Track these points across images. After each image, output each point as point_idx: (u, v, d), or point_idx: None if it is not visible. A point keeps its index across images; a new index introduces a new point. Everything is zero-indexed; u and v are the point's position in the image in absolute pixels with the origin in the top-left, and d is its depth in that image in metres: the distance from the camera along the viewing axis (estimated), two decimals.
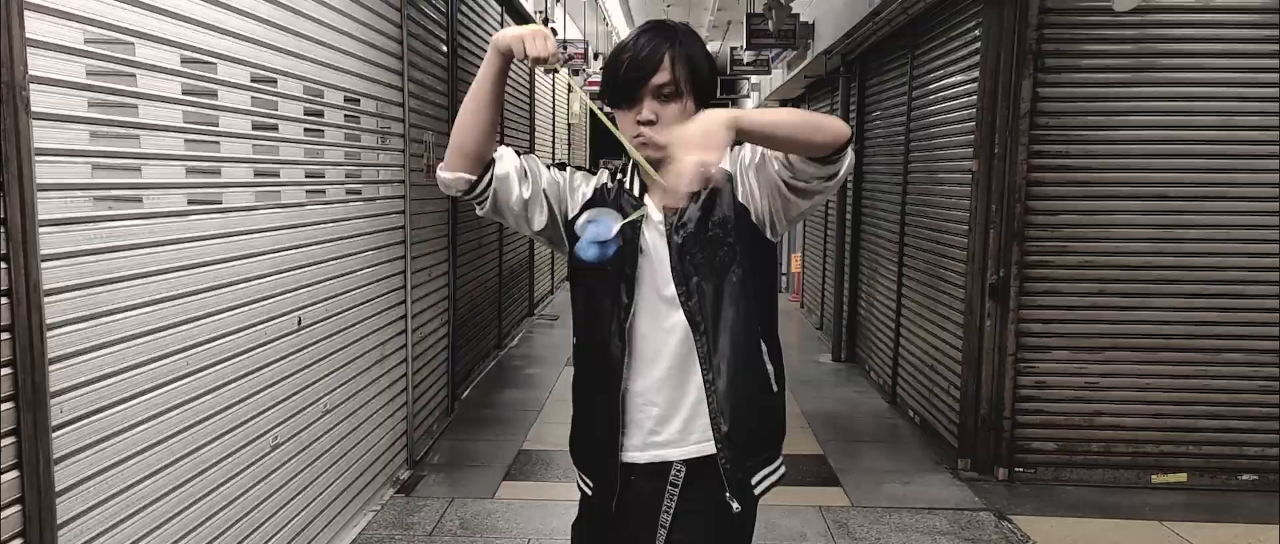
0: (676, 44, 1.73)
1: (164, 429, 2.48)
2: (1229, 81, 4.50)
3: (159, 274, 2.44)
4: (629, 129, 1.74)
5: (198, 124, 2.65)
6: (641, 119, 1.71)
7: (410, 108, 4.65)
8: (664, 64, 1.71)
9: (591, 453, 1.96)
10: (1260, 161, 4.52)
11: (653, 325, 1.80)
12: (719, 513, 1.81)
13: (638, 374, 1.83)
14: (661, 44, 1.72)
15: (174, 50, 2.50)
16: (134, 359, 2.33)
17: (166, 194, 2.49)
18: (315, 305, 3.52)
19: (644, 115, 1.71)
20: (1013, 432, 4.78)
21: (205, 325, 2.69)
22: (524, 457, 5.18)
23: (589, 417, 1.93)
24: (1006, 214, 4.62)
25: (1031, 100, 4.54)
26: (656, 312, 1.80)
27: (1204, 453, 4.72)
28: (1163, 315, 4.65)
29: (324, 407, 3.65)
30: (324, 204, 3.62)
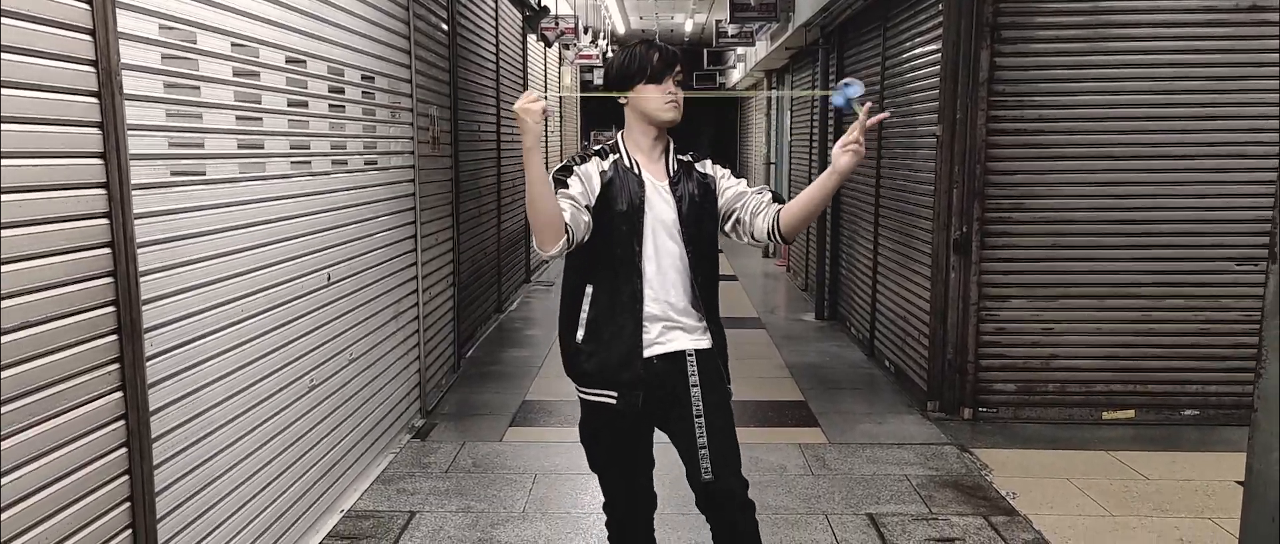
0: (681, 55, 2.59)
1: (227, 365, 2.88)
2: (1170, 49, 4.91)
3: (218, 233, 2.84)
4: (660, 98, 2.50)
5: (245, 102, 3.04)
6: (671, 91, 2.51)
7: (417, 84, 5.03)
8: (679, 60, 2.55)
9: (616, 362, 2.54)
10: (1198, 123, 4.94)
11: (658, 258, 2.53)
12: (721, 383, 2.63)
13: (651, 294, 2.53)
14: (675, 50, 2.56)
15: (225, 37, 2.88)
16: (202, 304, 2.73)
17: (223, 163, 2.88)
18: (341, 264, 3.91)
19: (670, 89, 2.51)
20: (976, 375, 5.22)
21: (253, 278, 3.08)
22: (527, 406, 5.61)
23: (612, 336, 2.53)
24: (968, 174, 5.04)
25: (989, 69, 4.94)
26: (662, 247, 2.53)
27: (1150, 391, 5.17)
28: (1111, 266, 5.08)
29: (350, 355, 4.06)
30: (346, 173, 4.00)
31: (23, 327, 2.01)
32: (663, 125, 2.55)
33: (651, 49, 2.52)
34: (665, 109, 2.51)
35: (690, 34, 17.54)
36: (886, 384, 6.14)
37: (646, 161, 2.57)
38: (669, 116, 2.52)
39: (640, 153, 2.57)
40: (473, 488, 4.26)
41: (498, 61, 8.00)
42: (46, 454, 2.09)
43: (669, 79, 2.51)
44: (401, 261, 4.86)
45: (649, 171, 2.56)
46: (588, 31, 13.22)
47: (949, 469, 4.52)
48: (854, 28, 7.45)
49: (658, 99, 2.50)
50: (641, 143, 2.58)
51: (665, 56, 2.51)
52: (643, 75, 2.50)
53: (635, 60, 2.51)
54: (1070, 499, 4.14)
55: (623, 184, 2.51)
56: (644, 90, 2.50)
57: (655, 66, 2.49)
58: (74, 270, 2.17)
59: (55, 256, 2.11)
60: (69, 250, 2.16)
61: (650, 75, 2.50)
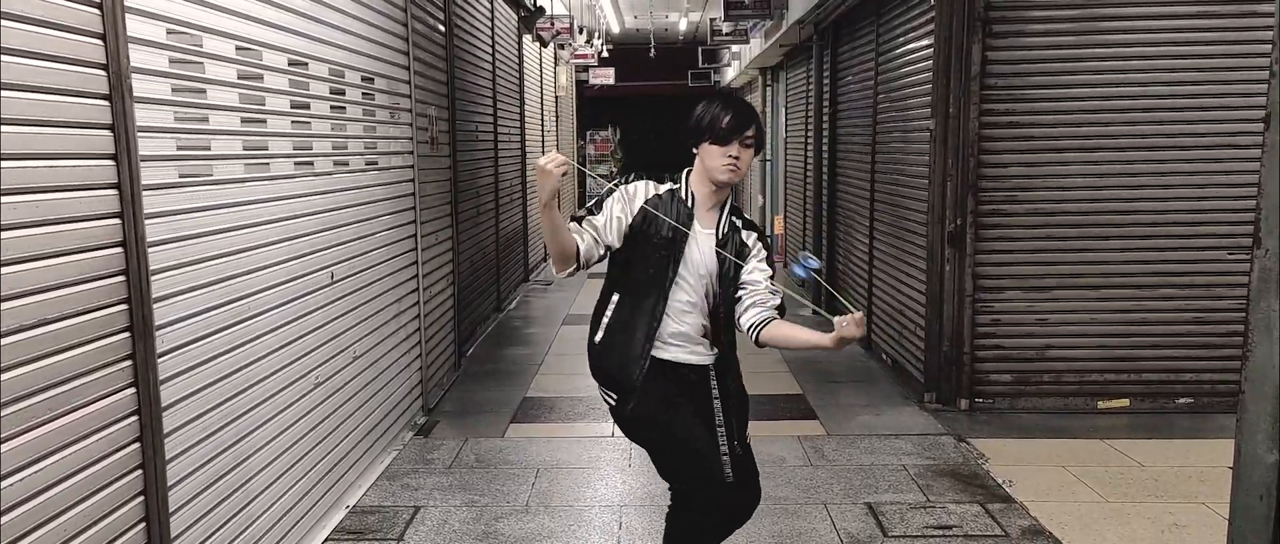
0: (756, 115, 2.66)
1: (234, 363, 2.93)
2: (1161, 41, 4.97)
3: (225, 232, 2.89)
4: (719, 159, 2.58)
5: (250, 104, 3.09)
6: (733, 154, 2.58)
7: (416, 84, 5.08)
8: (751, 125, 2.61)
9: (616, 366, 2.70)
10: (1191, 114, 5.00)
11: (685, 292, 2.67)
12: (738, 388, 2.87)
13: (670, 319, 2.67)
14: (751, 114, 2.63)
15: (230, 41, 2.93)
16: (210, 302, 2.78)
17: (230, 164, 2.93)
18: (344, 263, 3.96)
19: (733, 152, 2.58)
20: (972, 366, 5.28)
21: (260, 276, 3.13)
22: (528, 403, 5.66)
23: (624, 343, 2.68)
24: (961, 168, 5.10)
25: (981, 63, 5.00)
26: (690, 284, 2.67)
27: (1144, 380, 5.24)
28: (1105, 256, 5.14)
29: (353, 352, 4.11)
30: (347, 173, 4.05)
31: (38, 324, 2.06)
32: (719, 184, 2.64)
33: (725, 109, 2.59)
34: (721, 170, 2.59)
35: (684, 32, 17.59)
36: (884, 376, 6.20)
37: (701, 209, 2.68)
38: (723, 178, 2.60)
39: (698, 198, 2.68)
40: (476, 482, 4.31)
41: (494, 62, 8.05)
42: (63, 449, 2.14)
43: (735, 142, 2.57)
44: (402, 260, 4.91)
45: (700, 218, 2.67)
46: (583, 31, 13.28)
47: (946, 459, 4.57)
48: (847, 24, 7.51)
49: (717, 159, 2.58)
50: (700, 191, 2.68)
51: (736, 119, 2.57)
52: (710, 134, 2.59)
53: (706, 116, 2.60)
54: (1066, 486, 4.20)
55: (673, 212, 2.62)
56: (708, 147, 2.59)
57: (723, 128, 2.57)
58: (87, 269, 2.22)
59: (69, 256, 2.16)
60: (82, 250, 2.21)
61: (716, 135, 2.57)
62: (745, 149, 2.61)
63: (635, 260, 2.64)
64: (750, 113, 2.62)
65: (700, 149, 2.62)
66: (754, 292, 2.65)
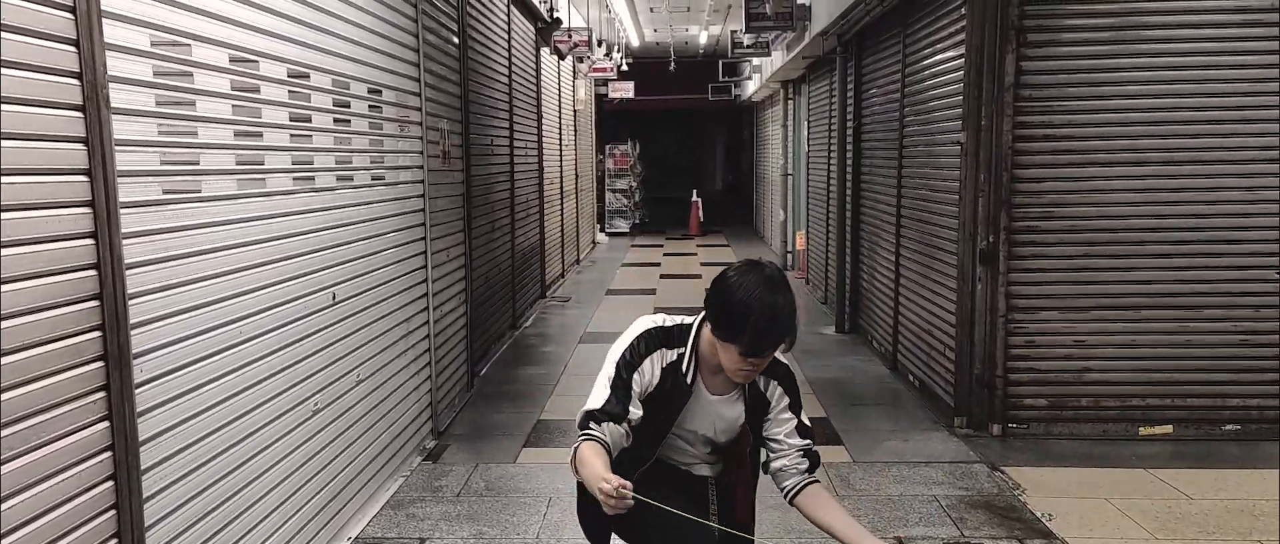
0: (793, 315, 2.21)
1: (223, 391, 2.76)
2: (1203, 51, 4.74)
3: (214, 252, 2.72)
4: (739, 363, 2.19)
5: (244, 117, 2.92)
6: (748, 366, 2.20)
7: (427, 97, 4.92)
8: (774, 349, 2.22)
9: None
10: (1235, 125, 4.76)
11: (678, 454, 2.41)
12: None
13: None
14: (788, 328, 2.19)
15: (223, 50, 2.77)
16: (197, 327, 2.61)
17: (220, 180, 2.76)
18: (347, 283, 3.79)
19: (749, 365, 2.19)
20: (1005, 389, 5.04)
21: (254, 298, 2.96)
22: (542, 426, 5.46)
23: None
24: (994, 182, 4.87)
25: (1015, 74, 4.78)
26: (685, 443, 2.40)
27: (1188, 405, 4.98)
28: (1146, 275, 4.89)
29: (357, 377, 3.93)
30: (352, 189, 3.89)
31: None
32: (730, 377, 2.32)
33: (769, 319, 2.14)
34: (736, 374, 2.25)
35: (705, 46, 17.43)
36: (911, 399, 5.96)
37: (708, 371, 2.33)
38: (737, 381, 2.30)
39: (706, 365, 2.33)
40: (485, 513, 4.12)
41: (510, 74, 7.90)
42: (23, 491, 1.96)
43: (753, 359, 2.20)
44: (411, 278, 4.74)
45: (706, 384, 2.33)
46: (602, 44, 13.14)
47: (980, 489, 4.34)
48: (872, 35, 7.30)
49: (730, 364, 2.21)
50: (709, 359, 2.32)
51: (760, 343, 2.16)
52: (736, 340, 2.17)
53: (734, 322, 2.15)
54: (1109, 521, 3.96)
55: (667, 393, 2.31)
56: (727, 347, 2.19)
57: (744, 344, 2.15)
58: (55, 293, 2.04)
59: (35, 279, 1.99)
60: (50, 272, 2.03)
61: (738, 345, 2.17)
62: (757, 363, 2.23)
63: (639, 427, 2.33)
64: (788, 326, 2.18)
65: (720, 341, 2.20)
66: (779, 454, 2.36)
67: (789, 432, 2.35)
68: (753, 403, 2.36)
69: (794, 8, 8.78)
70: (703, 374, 2.33)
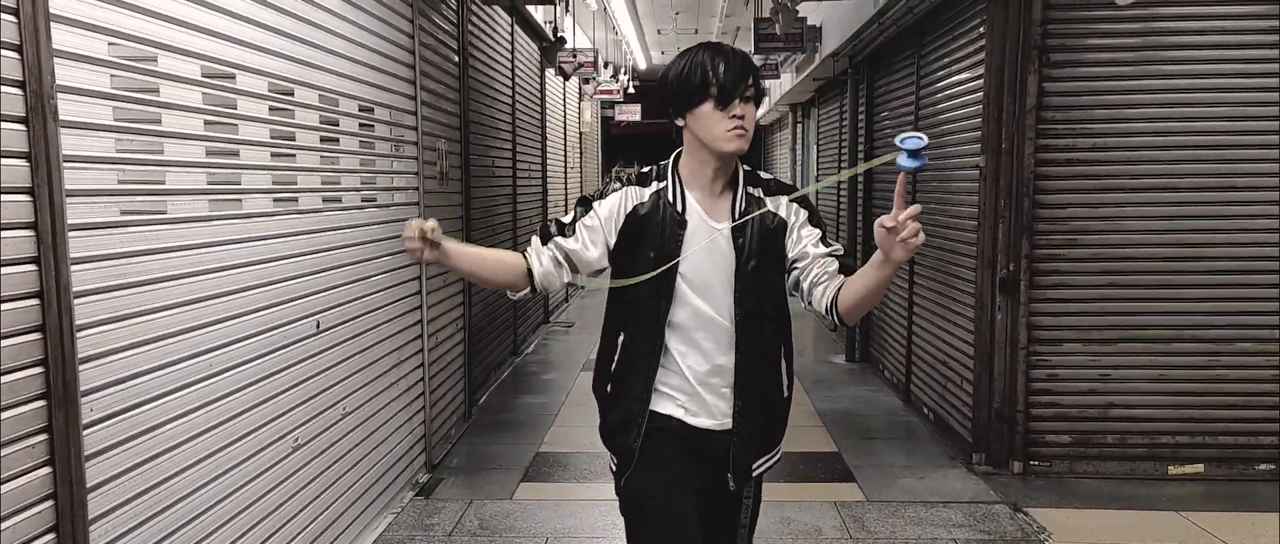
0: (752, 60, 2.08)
1: (190, 429, 2.54)
2: (1235, 72, 4.52)
3: (183, 278, 2.51)
4: (721, 125, 2.01)
5: (219, 133, 2.72)
6: (737, 114, 2.01)
7: (423, 116, 4.73)
8: (752, 72, 2.05)
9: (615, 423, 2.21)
10: (1268, 152, 4.53)
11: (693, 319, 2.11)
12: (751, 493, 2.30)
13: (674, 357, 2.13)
14: (748, 58, 2.06)
15: (195, 61, 2.57)
16: (160, 360, 2.40)
17: (189, 200, 2.56)
18: (333, 310, 3.59)
19: (737, 111, 2.01)
20: (1026, 425, 4.79)
21: (227, 328, 2.75)
22: (541, 459, 5.23)
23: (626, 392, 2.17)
24: (1015, 208, 4.65)
25: (1037, 95, 4.58)
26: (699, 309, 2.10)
27: (1219, 443, 4.72)
28: (1174, 306, 4.66)
29: (343, 409, 3.71)
30: (340, 210, 3.69)
31: None
32: (725, 157, 2.07)
33: (717, 57, 2.01)
34: (728, 138, 2.01)
35: None
36: (926, 433, 5.71)
37: (703, 197, 2.10)
38: (731, 148, 2.03)
39: (696, 186, 2.11)
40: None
41: (514, 94, 7.72)
42: None
43: (737, 100, 2.00)
44: (405, 305, 4.53)
45: (704, 209, 2.09)
46: (608, 66, 12.99)
47: (1002, 531, 4.09)
48: (885, 56, 7.11)
49: (719, 125, 2.01)
50: (699, 174, 2.10)
51: (733, 68, 2.00)
52: (703, 94, 2.00)
53: (695, 73, 2.00)
54: None
55: (658, 224, 2.08)
56: (702, 112, 2.02)
57: (720, 82, 1.99)
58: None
59: None
60: None
61: (714, 94, 2.00)
62: (748, 104, 2.03)
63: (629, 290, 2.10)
64: (745, 58, 2.04)
65: (691, 117, 2.03)
66: (808, 267, 2.09)
67: (814, 241, 2.12)
68: (768, 237, 2.10)
69: (804, 29, 8.61)
70: (696, 196, 2.10)
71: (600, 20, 11.25)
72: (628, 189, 2.13)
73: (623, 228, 2.10)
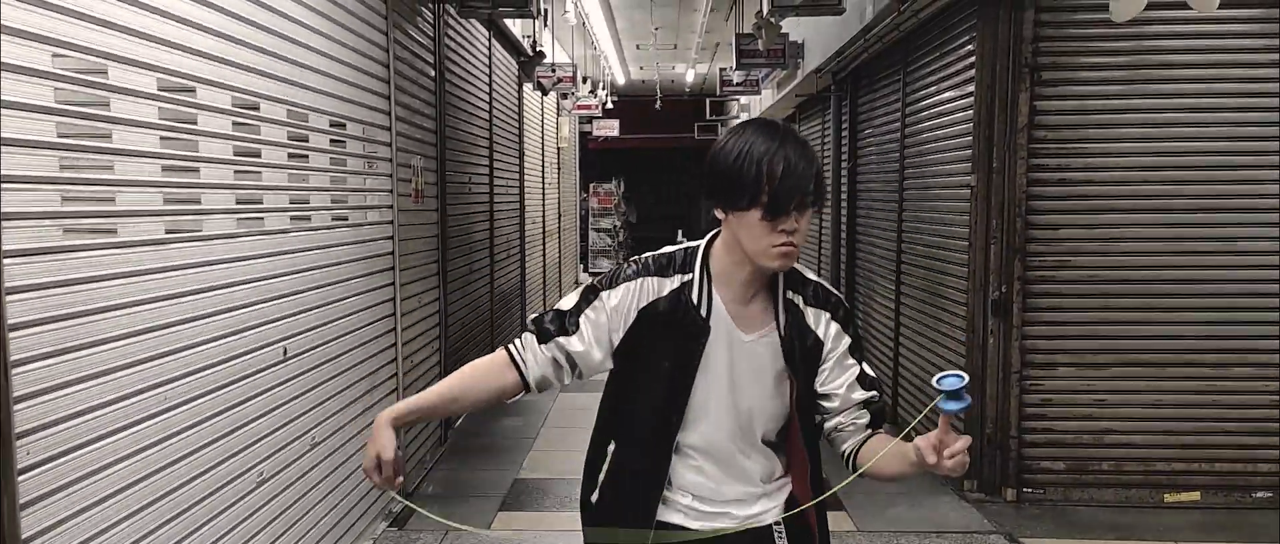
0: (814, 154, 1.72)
1: (142, 468, 2.35)
2: (1229, 91, 4.45)
3: (134, 306, 2.33)
4: (766, 239, 1.67)
5: (176, 150, 2.55)
6: (787, 229, 1.67)
7: (398, 132, 4.56)
8: (813, 175, 1.68)
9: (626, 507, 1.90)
10: (1264, 172, 4.46)
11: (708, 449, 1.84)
12: None
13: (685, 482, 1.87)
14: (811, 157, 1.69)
15: (150, 74, 2.40)
16: (109, 395, 2.22)
17: (142, 223, 2.38)
18: (301, 335, 3.41)
19: (789, 225, 1.67)
20: (1020, 451, 4.67)
21: (184, 358, 2.57)
22: (520, 486, 5.06)
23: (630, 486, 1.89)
24: (1007, 229, 4.54)
25: (1029, 114, 4.48)
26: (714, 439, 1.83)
27: (1216, 470, 4.62)
28: (1170, 329, 4.56)
29: (312, 439, 3.53)
30: (309, 231, 3.51)
31: None
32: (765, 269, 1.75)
33: (776, 157, 1.64)
34: (772, 256, 1.68)
35: (691, 84, 17.22)
36: None
37: (733, 299, 1.77)
38: (774, 266, 1.71)
39: (725, 286, 1.77)
40: None
41: (491, 109, 7.55)
42: None
43: (791, 215, 1.66)
44: (378, 328, 4.35)
45: (733, 315, 1.76)
46: (587, 82, 12.87)
47: None
48: (869, 73, 7.02)
49: (764, 239, 1.67)
50: (732, 276, 1.77)
51: (792, 177, 1.64)
52: (752, 200, 1.65)
53: (747, 171, 1.65)
54: None
55: (677, 329, 1.77)
56: (748, 219, 1.67)
57: (773, 196, 1.64)
58: None
59: None
60: None
61: (764, 203, 1.64)
62: (804, 213, 1.68)
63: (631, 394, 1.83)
64: (808, 162, 1.67)
65: (733, 217, 1.69)
66: (834, 413, 1.81)
67: (850, 383, 1.79)
68: (800, 348, 1.77)
69: (786, 45, 8.51)
70: (724, 296, 1.77)
71: (579, 35, 11.13)
72: (644, 280, 1.80)
73: (633, 326, 1.79)
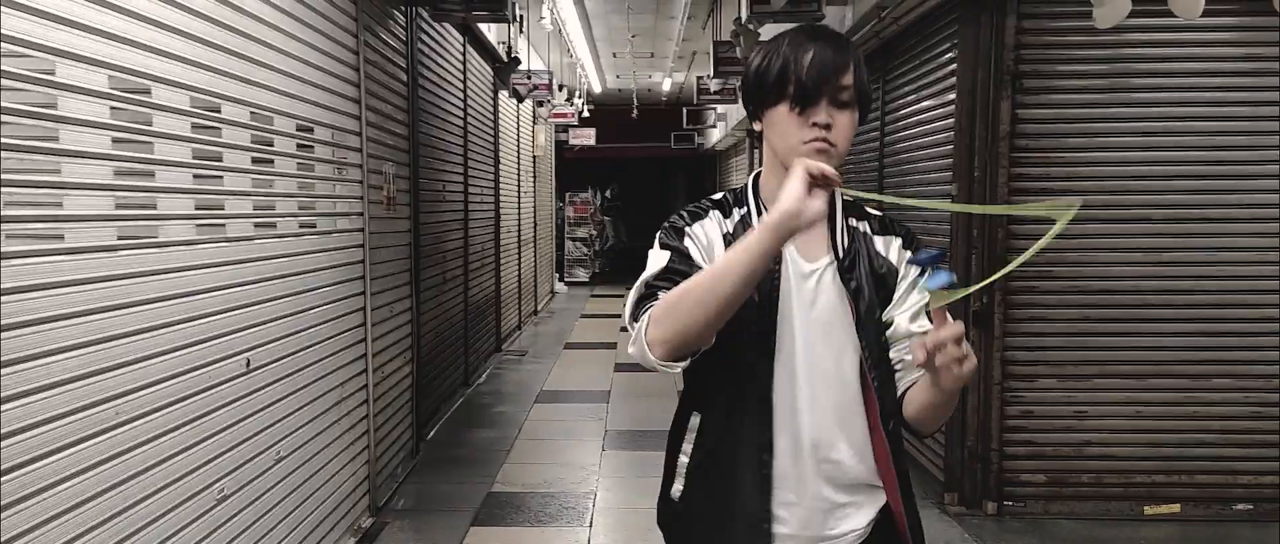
0: (854, 50, 1.58)
1: (89, 487, 2.23)
2: (1210, 99, 4.42)
3: (84, 316, 2.21)
4: (798, 134, 1.52)
5: (129, 151, 2.43)
6: (820, 121, 1.51)
7: (369, 137, 4.45)
8: (849, 67, 1.53)
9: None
10: (1244, 181, 4.43)
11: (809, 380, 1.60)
12: None
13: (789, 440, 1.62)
14: (845, 47, 1.56)
15: (101, 71, 2.28)
16: (54, 410, 2.09)
17: (92, 228, 2.26)
18: (266, 346, 3.28)
19: (821, 118, 1.51)
20: (1001, 464, 4.61)
21: (139, 371, 2.45)
22: (493, 499, 4.94)
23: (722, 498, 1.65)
24: (988, 238, 4.49)
25: (1010, 122, 4.43)
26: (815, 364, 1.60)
27: (1197, 482, 4.58)
28: (1150, 340, 4.52)
29: (277, 454, 3.40)
30: (275, 238, 3.39)
31: None
32: None
33: (805, 44, 1.52)
34: (804, 152, 1.51)
35: (668, 93, 17.16)
36: None
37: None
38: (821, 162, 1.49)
39: None
40: None
41: (465, 115, 7.45)
42: None
43: (824, 100, 1.51)
44: (348, 338, 4.23)
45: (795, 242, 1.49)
46: (563, 89, 12.76)
47: None
48: None
49: (794, 135, 1.52)
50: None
51: (818, 68, 1.50)
52: (779, 93, 1.53)
53: (773, 63, 1.54)
54: None
55: None
56: (777, 116, 1.54)
57: (802, 80, 1.50)
58: None
59: None
60: None
61: (791, 93, 1.51)
62: (842, 111, 1.53)
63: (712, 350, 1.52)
64: (840, 48, 1.53)
65: (765, 121, 1.57)
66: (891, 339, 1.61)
67: (912, 313, 1.58)
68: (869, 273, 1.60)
69: None
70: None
71: (555, 42, 11.03)
72: (714, 213, 1.66)
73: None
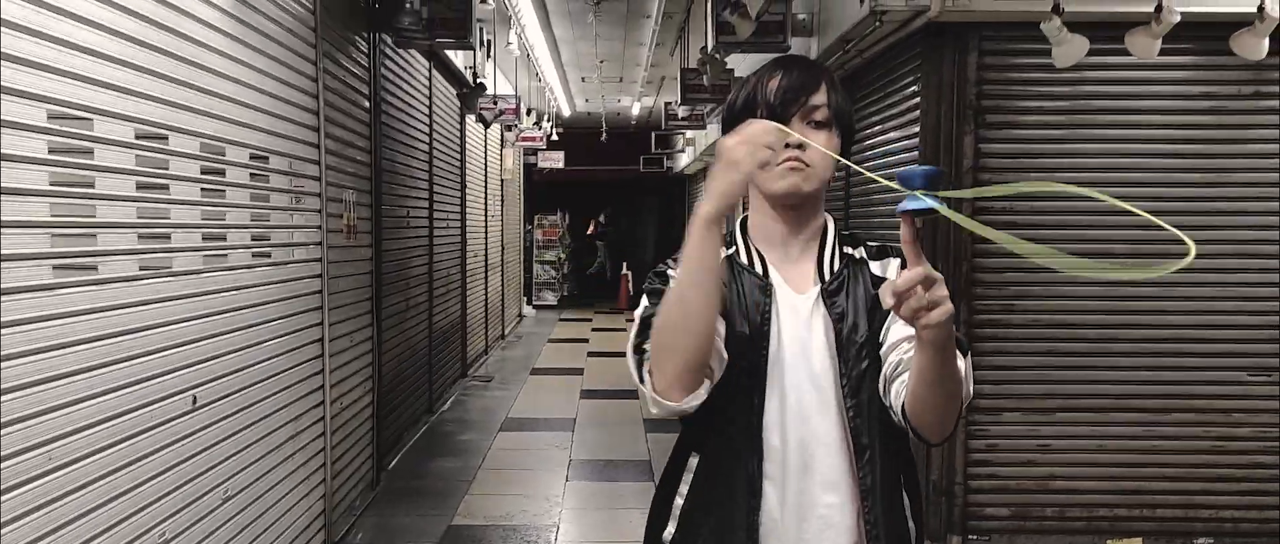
0: (828, 72, 1.62)
1: (21, 537, 2.13)
2: (1169, 137, 4.46)
3: (13, 359, 2.12)
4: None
5: (67, 185, 2.35)
6: (791, 141, 1.49)
7: (328, 165, 4.37)
8: (820, 87, 1.55)
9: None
10: (1203, 217, 4.46)
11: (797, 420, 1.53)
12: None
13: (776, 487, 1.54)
14: (814, 69, 1.59)
15: (38, 105, 2.20)
16: None
17: (25, 267, 2.17)
18: (214, 382, 3.19)
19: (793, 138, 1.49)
20: (965, 497, 4.59)
21: (75, 413, 2.36)
22: (454, 534, 4.84)
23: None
24: (952, 273, 4.48)
25: (974, 156, 4.44)
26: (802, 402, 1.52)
27: (1158, 516, 4.58)
28: (1112, 375, 4.53)
29: (224, 492, 3.30)
30: (226, 270, 3.31)
31: None
32: (780, 202, 1.56)
33: (775, 70, 1.55)
34: (773, 176, 1.51)
35: (637, 117, 17.18)
36: None
37: (779, 258, 1.59)
38: (778, 188, 1.52)
39: (767, 243, 1.60)
40: None
41: (431, 141, 7.38)
42: None
43: (793, 122, 1.51)
44: (304, 370, 4.14)
45: (783, 274, 1.56)
46: (531, 113, 12.72)
47: None
48: None
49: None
50: (768, 231, 1.60)
51: (789, 86, 1.52)
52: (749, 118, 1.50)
53: (742, 95, 1.58)
54: None
55: (740, 291, 1.54)
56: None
57: (770, 102, 1.52)
58: None
59: None
60: None
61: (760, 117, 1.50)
62: (817, 131, 1.53)
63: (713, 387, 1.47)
64: (811, 71, 1.56)
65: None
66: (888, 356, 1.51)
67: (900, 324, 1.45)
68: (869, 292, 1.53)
69: (732, 82, 8.47)
70: (775, 263, 1.58)
71: (523, 66, 11.00)
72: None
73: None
